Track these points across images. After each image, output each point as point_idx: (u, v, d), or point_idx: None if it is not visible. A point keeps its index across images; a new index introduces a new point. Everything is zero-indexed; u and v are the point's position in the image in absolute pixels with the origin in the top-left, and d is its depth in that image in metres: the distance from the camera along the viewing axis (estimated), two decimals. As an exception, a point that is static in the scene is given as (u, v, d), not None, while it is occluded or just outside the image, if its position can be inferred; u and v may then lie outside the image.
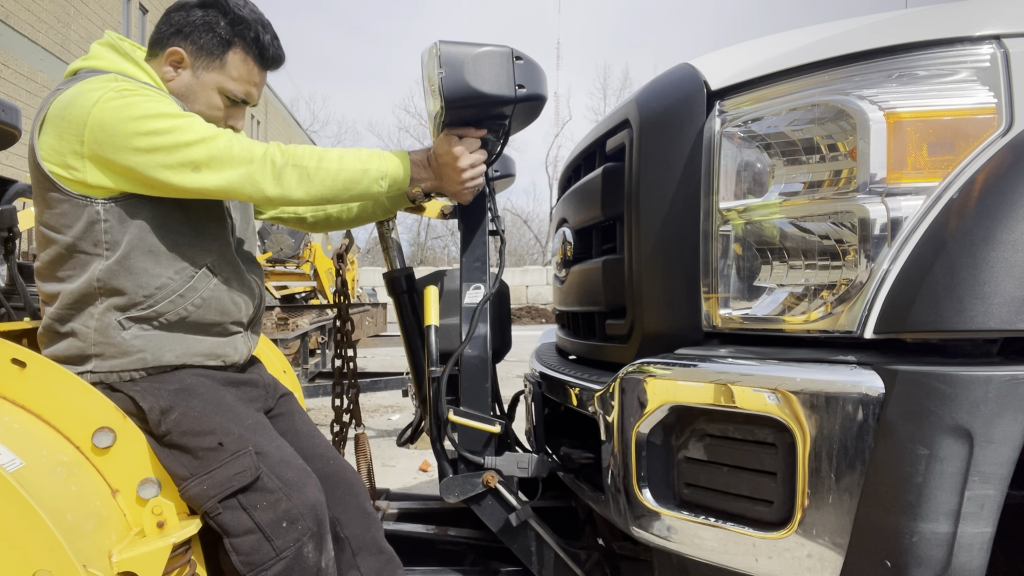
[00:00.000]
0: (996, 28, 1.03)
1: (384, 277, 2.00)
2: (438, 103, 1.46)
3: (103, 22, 16.04)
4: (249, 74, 1.52)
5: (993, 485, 0.94)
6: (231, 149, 1.37)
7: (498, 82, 1.45)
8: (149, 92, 1.39)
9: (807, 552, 1.03)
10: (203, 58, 1.49)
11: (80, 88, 1.36)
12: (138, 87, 1.39)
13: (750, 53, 1.30)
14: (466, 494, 1.67)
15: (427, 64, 1.48)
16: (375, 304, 8.11)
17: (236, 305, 1.54)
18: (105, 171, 1.36)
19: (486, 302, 1.71)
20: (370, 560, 1.54)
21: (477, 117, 1.55)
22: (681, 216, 1.29)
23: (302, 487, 1.40)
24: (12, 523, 1.09)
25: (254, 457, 1.37)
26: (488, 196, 1.76)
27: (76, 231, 1.38)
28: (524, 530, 1.68)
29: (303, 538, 1.36)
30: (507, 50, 1.47)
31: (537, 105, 1.54)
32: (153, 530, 1.29)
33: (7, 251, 2.81)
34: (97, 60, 1.47)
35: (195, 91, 1.50)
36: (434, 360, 1.72)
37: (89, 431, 1.31)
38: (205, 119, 1.46)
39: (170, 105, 1.39)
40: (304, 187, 1.43)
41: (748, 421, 1.11)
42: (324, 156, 1.45)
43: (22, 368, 1.31)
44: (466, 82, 1.43)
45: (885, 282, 1.03)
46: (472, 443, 1.68)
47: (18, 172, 11.82)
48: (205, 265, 1.48)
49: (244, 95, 1.54)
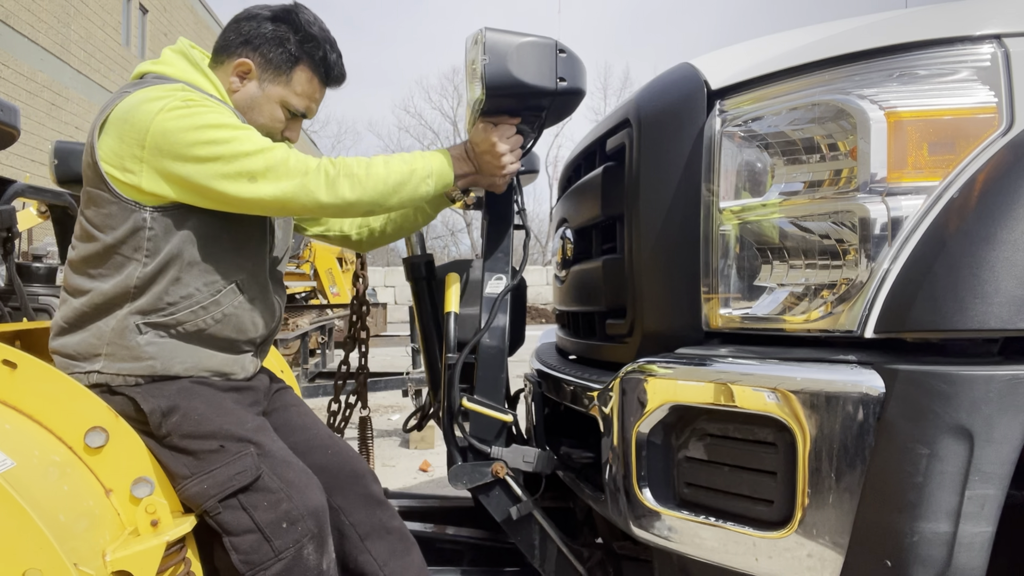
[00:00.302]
0: (996, 27, 1.03)
1: (404, 262, 2.01)
2: (479, 90, 1.47)
3: (103, 22, 16.04)
4: (313, 91, 1.56)
5: (993, 485, 0.94)
6: (287, 161, 1.39)
7: (540, 73, 1.46)
8: (212, 104, 1.41)
9: (807, 552, 1.03)
10: (270, 71, 1.52)
11: (146, 94, 1.38)
12: (202, 98, 1.41)
13: (750, 53, 1.30)
14: (474, 483, 1.67)
15: (471, 50, 1.49)
16: (375, 304, 8.11)
17: (254, 325, 1.55)
18: (161, 178, 1.37)
19: (507, 292, 1.71)
20: (379, 543, 1.55)
21: (516, 107, 1.56)
22: (681, 216, 1.29)
23: (303, 488, 1.40)
24: (2, 523, 1.09)
25: (255, 458, 1.37)
26: (515, 189, 1.76)
27: (119, 234, 1.39)
28: (529, 523, 1.68)
29: (303, 539, 1.36)
30: (552, 42, 1.47)
31: (575, 99, 1.55)
32: (147, 529, 1.29)
33: (6, 252, 2.81)
34: (166, 67, 1.50)
35: (260, 103, 1.53)
36: (451, 347, 1.72)
37: (81, 431, 1.31)
38: (265, 131, 1.51)
39: (230, 117, 1.42)
40: (356, 192, 1.44)
41: (748, 420, 1.11)
42: (372, 163, 1.48)
43: (13, 369, 1.32)
44: (509, 71, 1.44)
45: (885, 281, 1.03)
46: (483, 431, 1.68)
47: (18, 172, 11.82)
48: (235, 282, 1.49)
49: (304, 110, 1.57)
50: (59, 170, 2.51)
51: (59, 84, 14.66)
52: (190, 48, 1.52)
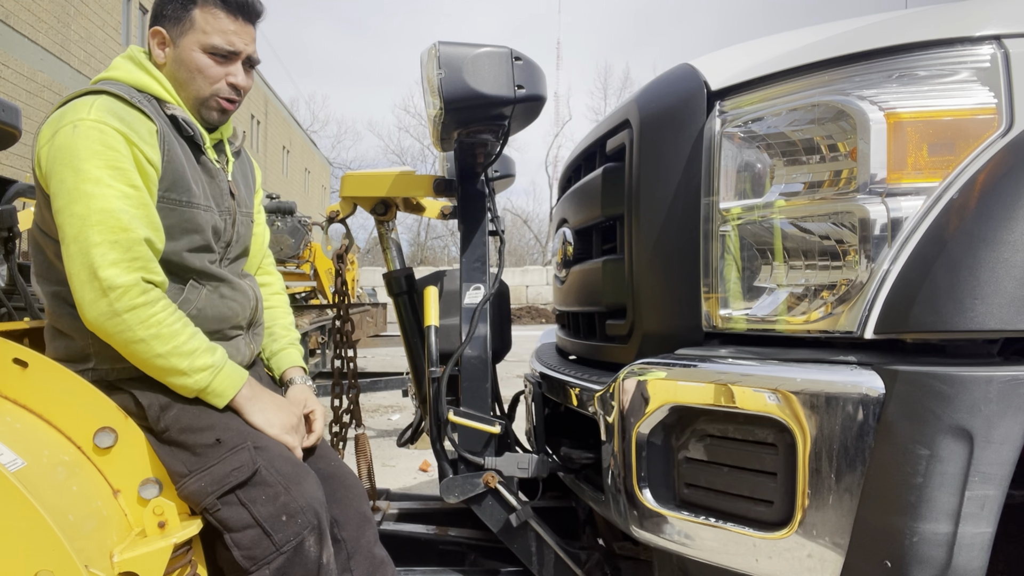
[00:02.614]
0: (996, 28, 1.04)
1: (384, 277, 2.00)
2: (438, 104, 1.46)
3: (103, 22, 16.04)
4: (220, 24, 1.48)
5: (993, 485, 0.94)
6: (101, 256, 1.28)
7: (497, 83, 1.45)
8: (114, 130, 1.33)
9: (807, 552, 1.03)
10: (176, 26, 1.48)
11: (71, 105, 1.37)
12: (112, 120, 1.34)
13: (750, 53, 1.30)
14: (466, 494, 1.67)
15: (426, 65, 1.48)
16: (375, 304, 8.11)
17: (232, 311, 1.54)
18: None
19: (486, 302, 1.71)
20: (364, 564, 1.54)
21: (476, 117, 1.55)
22: (681, 216, 1.29)
23: (300, 481, 1.40)
24: (14, 523, 1.09)
25: (252, 452, 1.37)
26: (488, 196, 1.76)
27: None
28: (524, 530, 1.68)
29: (303, 532, 1.36)
30: (506, 51, 1.47)
31: (536, 106, 1.53)
32: (154, 530, 1.29)
33: (7, 251, 2.81)
34: (114, 71, 1.50)
35: (182, 60, 1.48)
36: (434, 360, 1.72)
37: (90, 431, 1.32)
38: (204, 90, 1.48)
39: (118, 159, 1.33)
40: (120, 337, 1.32)
41: (748, 421, 1.11)
42: (160, 336, 1.33)
43: (24, 368, 1.32)
44: (465, 83, 1.43)
45: (885, 282, 1.03)
46: (472, 443, 1.68)
47: (18, 172, 11.83)
48: (191, 279, 1.48)
49: (227, 44, 1.48)
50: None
51: (59, 84, 14.66)
52: (138, 52, 1.53)
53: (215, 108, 1.52)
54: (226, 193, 1.57)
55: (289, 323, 1.80)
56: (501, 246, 1.78)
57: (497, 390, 1.96)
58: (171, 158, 1.42)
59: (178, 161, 1.44)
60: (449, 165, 2.05)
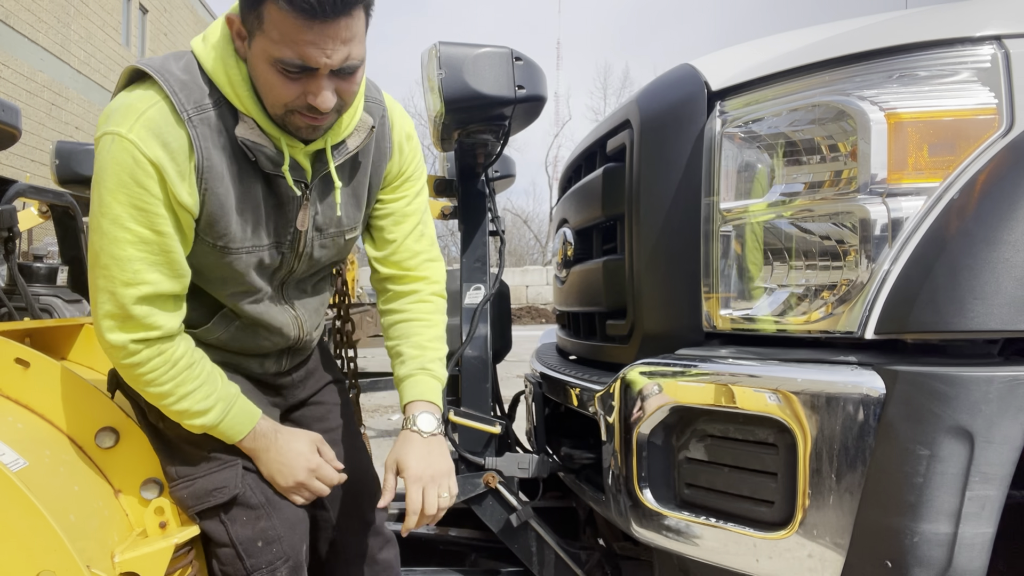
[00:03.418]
0: (997, 29, 1.03)
1: None
2: (438, 104, 1.47)
3: (103, 22, 16.04)
4: (291, 31, 1.07)
5: (994, 485, 0.94)
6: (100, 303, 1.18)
7: (498, 83, 1.45)
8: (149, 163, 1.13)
9: (808, 552, 1.03)
10: (248, 22, 1.12)
11: (124, 103, 1.16)
12: (152, 146, 1.13)
13: (751, 54, 1.30)
14: (467, 495, 1.68)
15: (427, 65, 1.49)
16: (375, 304, 8.09)
17: (261, 348, 1.42)
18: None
19: (486, 302, 1.71)
20: (364, 571, 1.54)
21: (477, 118, 1.55)
22: (682, 216, 1.29)
23: (285, 508, 1.35)
24: (16, 523, 1.09)
25: (240, 472, 1.32)
26: (488, 196, 1.76)
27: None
28: (525, 530, 1.68)
29: (277, 562, 1.32)
30: (507, 51, 1.47)
31: (537, 106, 1.54)
32: (155, 531, 1.29)
33: (7, 251, 2.82)
34: (202, 47, 1.20)
35: (253, 67, 1.16)
36: None
37: (92, 431, 1.32)
38: (278, 108, 1.16)
39: (143, 197, 1.14)
40: (139, 382, 1.25)
41: (749, 421, 1.11)
42: (148, 392, 1.25)
43: (26, 368, 1.32)
44: (466, 83, 1.43)
45: (886, 283, 1.03)
46: (472, 443, 1.68)
47: (18, 172, 11.82)
48: (223, 309, 1.36)
49: (300, 58, 1.09)
50: (60, 170, 2.51)
51: (59, 84, 14.66)
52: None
53: (300, 126, 1.18)
54: (293, 222, 1.30)
55: (424, 340, 1.47)
56: (501, 246, 1.78)
57: (497, 390, 1.96)
58: (210, 196, 1.19)
59: (219, 199, 1.20)
60: (449, 165, 2.06)
